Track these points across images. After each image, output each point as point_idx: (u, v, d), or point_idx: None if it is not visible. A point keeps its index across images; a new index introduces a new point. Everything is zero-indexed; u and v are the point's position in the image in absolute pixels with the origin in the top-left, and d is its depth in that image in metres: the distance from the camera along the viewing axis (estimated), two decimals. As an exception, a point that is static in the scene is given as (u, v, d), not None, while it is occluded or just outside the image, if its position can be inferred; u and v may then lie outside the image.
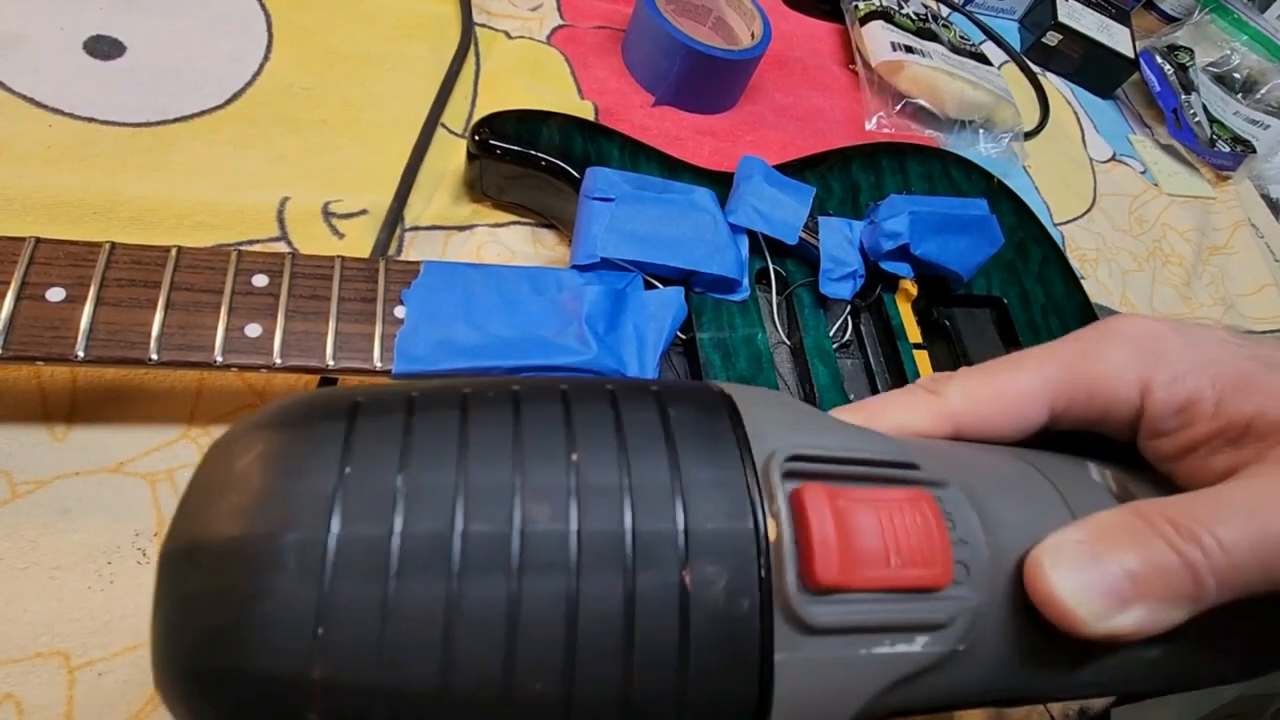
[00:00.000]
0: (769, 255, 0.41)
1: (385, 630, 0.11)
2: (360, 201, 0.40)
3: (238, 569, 0.12)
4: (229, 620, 0.11)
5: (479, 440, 0.13)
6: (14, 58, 0.38)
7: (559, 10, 0.55)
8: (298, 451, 0.12)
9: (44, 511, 0.29)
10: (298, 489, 0.12)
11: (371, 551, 0.11)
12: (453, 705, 0.11)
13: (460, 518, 0.12)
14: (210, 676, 0.12)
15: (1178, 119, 0.74)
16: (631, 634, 0.12)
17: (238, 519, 0.12)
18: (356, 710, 0.11)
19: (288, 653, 0.11)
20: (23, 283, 0.27)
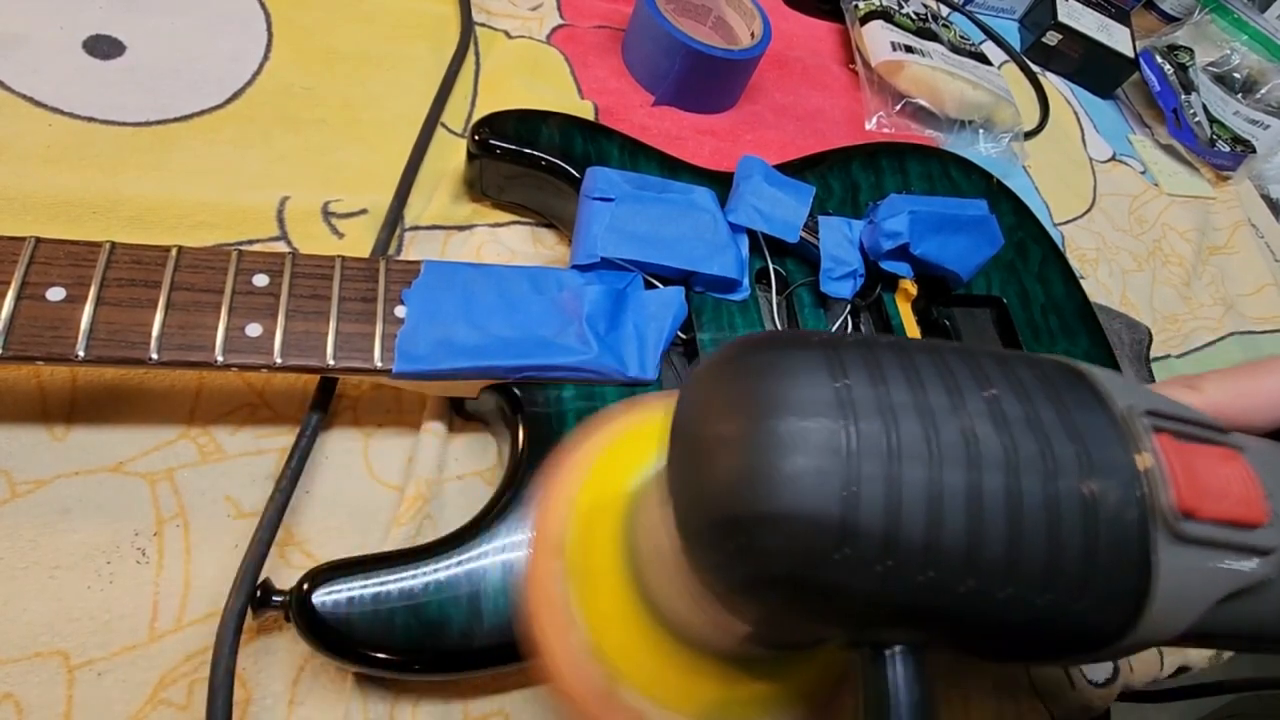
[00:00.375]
0: (769, 255, 0.41)
1: (890, 495, 0.15)
2: (360, 201, 0.40)
3: (790, 446, 0.16)
4: (790, 481, 0.15)
5: (924, 374, 0.17)
6: (14, 57, 0.38)
7: (559, 10, 0.55)
8: (811, 366, 0.17)
9: (44, 511, 0.29)
10: (816, 393, 0.16)
11: (876, 439, 0.16)
12: (931, 557, 0.15)
13: (929, 425, 0.16)
14: (768, 519, 0.15)
15: (1178, 119, 0.74)
16: (1055, 525, 0.16)
17: (783, 411, 0.16)
18: (866, 550, 0.15)
19: (829, 502, 0.15)
20: (23, 282, 0.27)
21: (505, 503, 0.30)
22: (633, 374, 0.34)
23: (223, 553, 0.30)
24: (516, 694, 0.31)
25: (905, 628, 0.17)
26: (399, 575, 0.27)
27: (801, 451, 0.15)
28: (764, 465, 0.15)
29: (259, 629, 0.29)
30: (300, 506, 0.32)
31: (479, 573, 0.28)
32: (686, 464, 0.18)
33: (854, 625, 0.17)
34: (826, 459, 0.15)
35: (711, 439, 0.17)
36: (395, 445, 0.34)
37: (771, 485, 0.15)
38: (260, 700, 0.28)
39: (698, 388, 0.18)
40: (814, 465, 0.15)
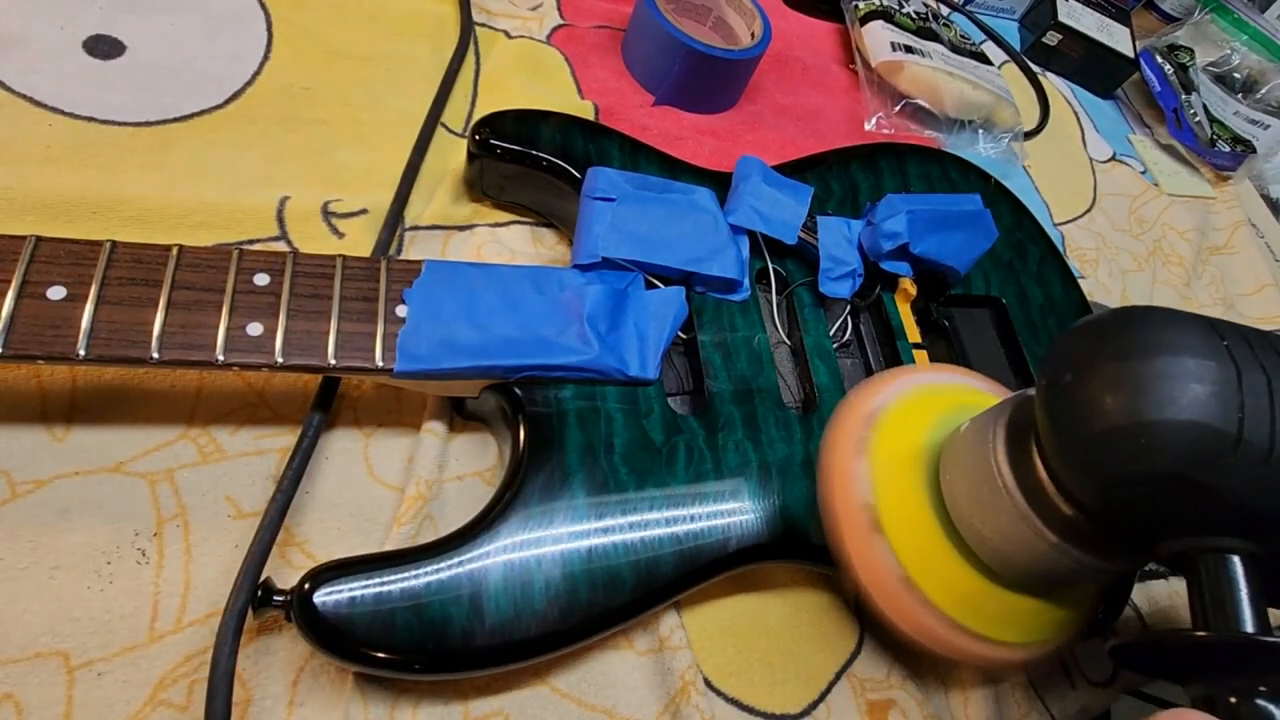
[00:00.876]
0: (769, 255, 0.41)
1: (1273, 421, 0.20)
2: (360, 201, 0.40)
3: (1198, 375, 0.21)
4: (1200, 397, 0.20)
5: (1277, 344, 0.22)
6: (14, 58, 0.38)
7: (559, 10, 0.55)
8: (1198, 325, 0.22)
9: (43, 511, 0.29)
10: (1209, 343, 0.21)
11: (1258, 381, 0.21)
12: None
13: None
14: (1178, 425, 0.20)
15: (1178, 119, 0.74)
16: None
17: (1190, 352, 0.21)
18: (1249, 459, 0.20)
19: (1228, 418, 0.20)
20: (24, 281, 0.27)
21: (506, 503, 0.30)
22: (633, 373, 0.34)
23: (223, 553, 0.30)
24: (516, 694, 0.31)
25: (1255, 534, 0.21)
26: (400, 575, 0.27)
27: (1204, 380, 0.20)
28: (1176, 386, 0.20)
29: (259, 629, 0.29)
30: (300, 506, 0.32)
31: (480, 572, 0.28)
32: (1091, 387, 0.22)
33: (1203, 529, 0.22)
34: (1223, 387, 0.20)
35: (1120, 369, 0.21)
36: (395, 445, 0.34)
37: (1185, 400, 0.20)
38: (260, 700, 0.28)
39: (1092, 336, 0.23)
40: (1214, 390, 0.20)
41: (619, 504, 0.31)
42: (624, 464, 0.32)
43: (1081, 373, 0.23)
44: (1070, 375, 0.23)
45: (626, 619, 0.30)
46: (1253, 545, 0.21)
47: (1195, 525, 0.22)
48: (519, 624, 0.28)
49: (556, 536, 0.30)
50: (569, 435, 0.32)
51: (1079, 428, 0.22)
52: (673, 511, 0.32)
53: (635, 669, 0.33)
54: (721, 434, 0.34)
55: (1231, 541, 0.22)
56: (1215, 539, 0.22)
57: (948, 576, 0.29)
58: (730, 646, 0.34)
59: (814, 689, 0.35)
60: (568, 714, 0.31)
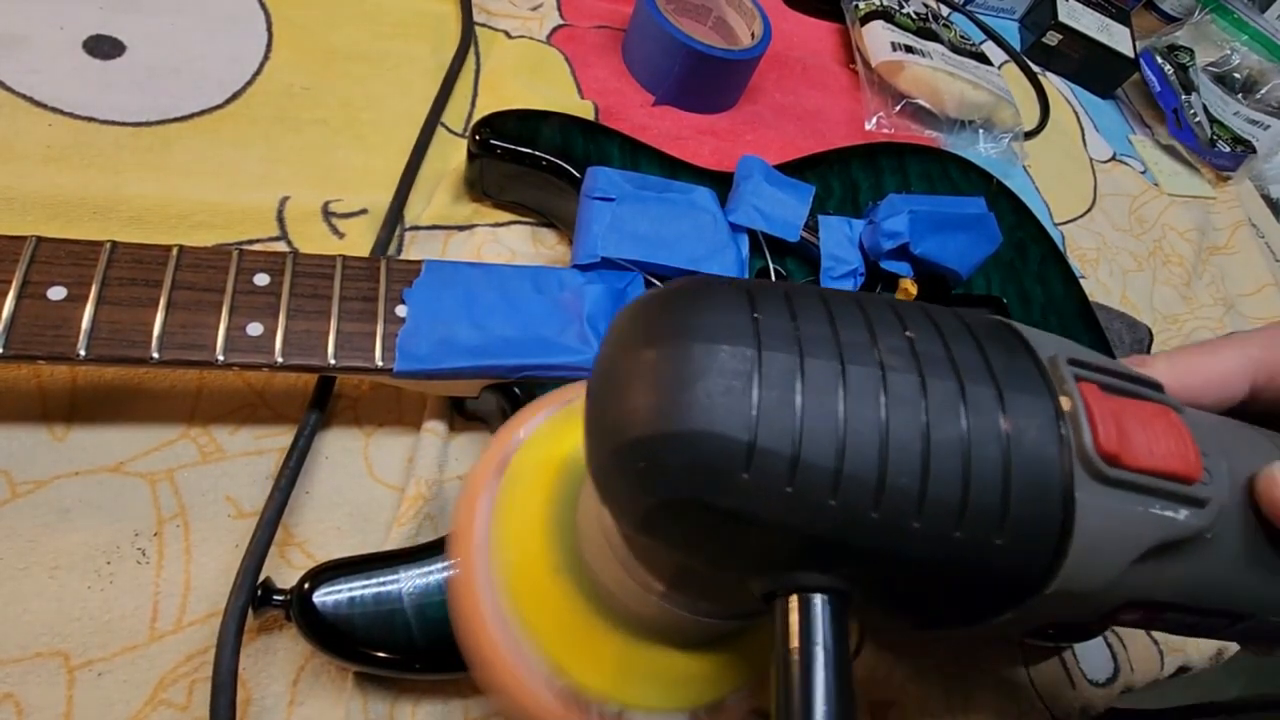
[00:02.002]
0: (769, 254, 0.41)
1: (799, 419, 0.15)
2: (360, 201, 0.40)
3: (700, 368, 0.16)
4: (698, 400, 0.15)
5: (840, 314, 0.17)
6: (14, 58, 0.38)
7: (559, 10, 0.55)
8: (725, 298, 0.17)
9: (43, 511, 0.29)
10: (728, 320, 0.16)
11: (786, 366, 0.16)
12: (838, 484, 0.15)
13: (840, 357, 0.16)
14: (675, 438, 0.15)
15: (1178, 119, 0.74)
16: (968, 458, 0.16)
17: (696, 336, 0.16)
18: (771, 472, 0.15)
19: (736, 422, 0.15)
20: (24, 281, 0.27)
21: (506, 502, 0.30)
22: (633, 373, 0.34)
23: (223, 553, 0.30)
24: (517, 694, 0.31)
25: (820, 567, 0.16)
26: (401, 574, 0.27)
27: (709, 373, 0.15)
28: (671, 386, 0.16)
29: (259, 629, 0.29)
30: (300, 506, 0.32)
31: (480, 572, 0.28)
32: (599, 394, 0.17)
33: (765, 563, 0.17)
34: (735, 381, 0.15)
35: (624, 366, 0.17)
36: (395, 445, 0.34)
37: (678, 405, 0.15)
38: (260, 700, 0.28)
39: (617, 323, 0.18)
40: (721, 386, 0.15)
41: (619, 504, 0.31)
42: (624, 464, 0.32)
43: (596, 373, 0.18)
44: (593, 379, 0.18)
45: (626, 619, 0.30)
46: (829, 580, 0.17)
47: (751, 561, 0.17)
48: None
49: (556, 536, 0.30)
50: (569, 435, 0.32)
51: (593, 448, 0.17)
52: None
53: (635, 669, 0.33)
54: (721, 434, 0.34)
55: (808, 577, 0.17)
56: (788, 575, 0.17)
57: (587, 646, 0.22)
58: (730, 646, 0.34)
59: (814, 689, 0.35)
60: (568, 714, 0.31)
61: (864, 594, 0.17)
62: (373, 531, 0.32)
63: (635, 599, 0.21)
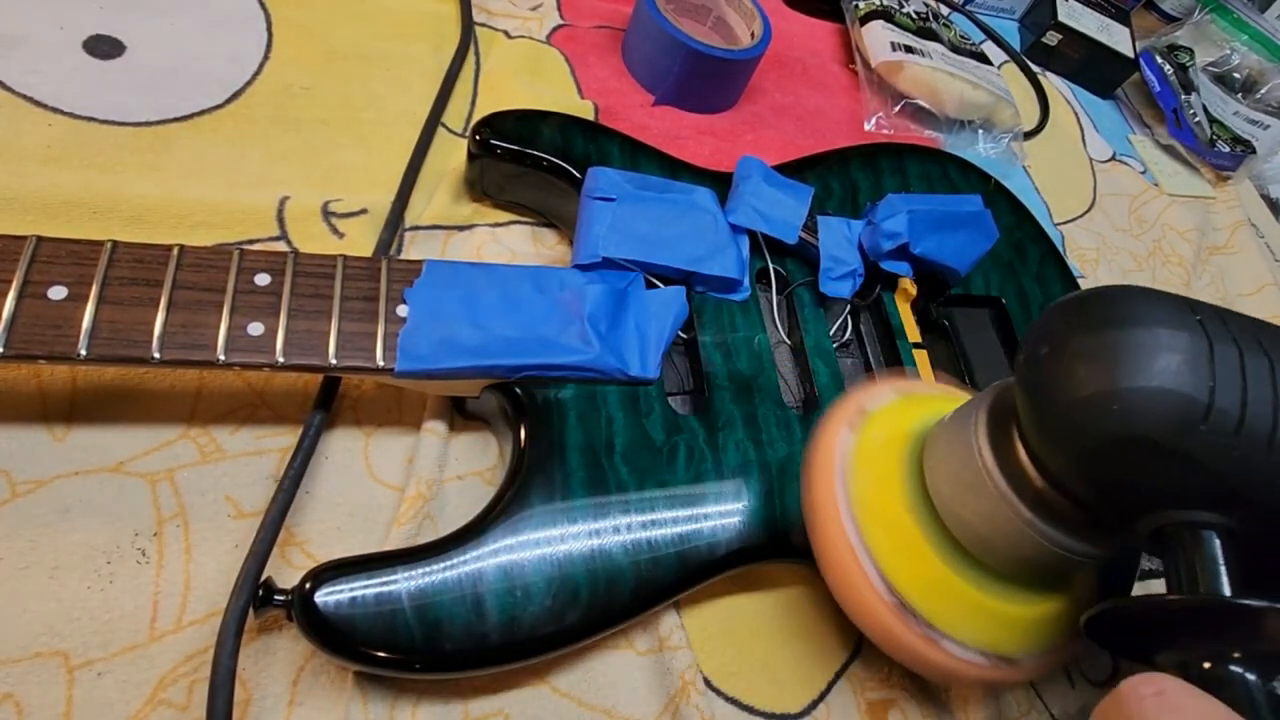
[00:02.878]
0: (769, 255, 0.41)
1: (1244, 393, 0.21)
2: (360, 201, 0.40)
3: (1170, 345, 0.21)
4: (1171, 366, 0.21)
5: (1257, 329, 0.22)
6: (14, 57, 0.38)
7: (559, 10, 0.55)
8: (1171, 301, 0.22)
9: (44, 511, 0.29)
10: (1182, 317, 0.22)
11: (1230, 355, 0.21)
12: (1273, 448, 0.20)
13: (1269, 358, 0.21)
14: (1154, 391, 0.21)
15: (1178, 119, 0.74)
16: None
17: (1161, 323, 0.22)
18: (1222, 429, 0.20)
19: (1201, 386, 0.20)
20: (25, 281, 0.27)
21: (506, 502, 0.30)
22: (634, 373, 0.34)
23: (223, 553, 0.30)
24: (516, 694, 0.31)
25: (1231, 507, 0.21)
26: (401, 574, 0.27)
27: (1177, 350, 0.21)
28: (1149, 355, 0.21)
29: (259, 629, 0.29)
30: (300, 506, 0.32)
31: (480, 572, 0.28)
32: (1066, 357, 0.22)
33: (1191, 497, 0.21)
34: (1195, 357, 0.21)
35: (1094, 339, 0.22)
36: (395, 445, 0.34)
37: (1156, 368, 0.21)
38: (260, 700, 0.28)
39: (1068, 312, 0.23)
40: (1187, 360, 0.21)
41: (619, 504, 0.31)
42: (624, 463, 0.32)
43: (1057, 345, 0.23)
44: (1046, 348, 0.23)
45: (627, 619, 0.30)
46: (1229, 520, 0.21)
47: (1170, 498, 0.22)
48: (519, 624, 0.28)
49: (557, 536, 0.30)
50: (569, 435, 0.32)
51: (1053, 399, 0.23)
52: (673, 511, 0.32)
53: (635, 669, 0.33)
54: (722, 434, 0.34)
55: (1207, 516, 0.21)
56: (1190, 513, 0.22)
57: (920, 570, 0.28)
58: (730, 646, 0.34)
59: (814, 689, 0.35)
60: (568, 714, 0.31)
61: (1252, 534, 0.21)
62: (373, 531, 0.32)
63: (996, 527, 0.26)
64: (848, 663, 0.36)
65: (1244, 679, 0.19)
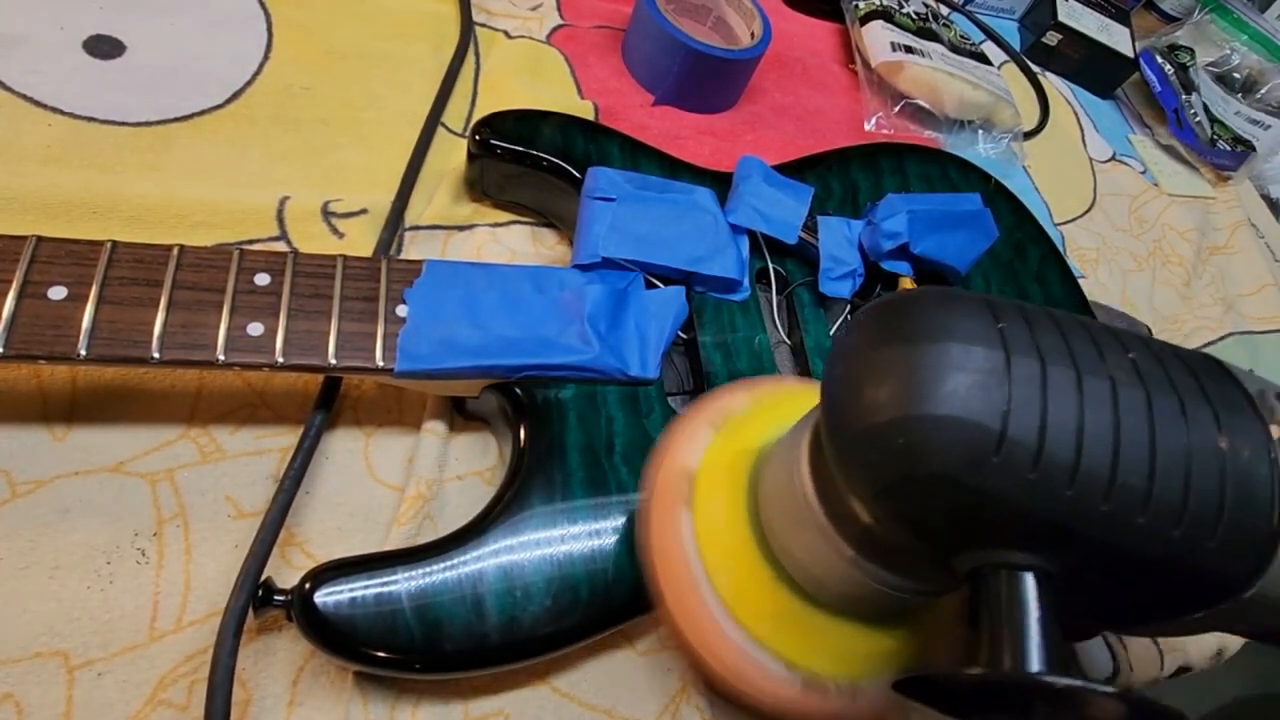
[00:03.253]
0: (769, 255, 0.41)
1: (1043, 416, 0.18)
2: (360, 201, 0.40)
3: (959, 363, 0.18)
4: (959, 390, 0.18)
5: (1070, 331, 0.19)
6: (14, 57, 0.38)
7: (559, 10, 0.55)
8: (973, 307, 0.20)
9: (43, 511, 0.29)
10: (980, 327, 0.19)
11: (1031, 371, 0.18)
12: (1075, 477, 0.18)
13: (1076, 369, 0.18)
14: (938, 420, 0.18)
15: (1179, 119, 0.74)
16: (1189, 467, 0.18)
17: (953, 337, 0.19)
18: (1018, 460, 0.18)
19: (991, 413, 0.18)
20: (25, 281, 0.27)
21: (506, 502, 0.30)
22: (634, 373, 0.34)
23: (223, 553, 0.30)
24: (516, 694, 0.31)
25: (1043, 548, 0.19)
26: (401, 574, 0.27)
27: (968, 369, 0.18)
28: (935, 377, 0.18)
29: (259, 629, 0.29)
30: (300, 506, 0.32)
31: (480, 572, 0.28)
32: (853, 378, 0.20)
33: (989, 539, 0.19)
34: (989, 378, 0.18)
35: (881, 357, 0.19)
36: (395, 445, 0.34)
37: (942, 393, 0.18)
38: (260, 700, 0.28)
39: (865, 322, 0.21)
40: (979, 381, 0.18)
41: (620, 504, 0.31)
42: (625, 464, 0.32)
43: (849, 362, 0.20)
44: (839, 365, 0.21)
45: (627, 619, 0.30)
46: (1044, 561, 0.19)
47: (976, 537, 0.19)
48: (519, 624, 0.28)
49: (557, 536, 0.30)
50: (569, 435, 0.32)
51: (844, 426, 0.20)
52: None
53: (635, 669, 0.33)
54: (722, 434, 0.34)
55: (1021, 557, 0.19)
56: (1003, 553, 0.19)
57: (761, 600, 0.26)
58: (730, 646, 0.34)
59: (814, 689, 0.35)
60: (568, 714, 0.31)
61: (1068, 579, 0.19)
62: (373, 531, 0.32)
63: (821, 563, 0.24)
64: (848, 663, 0.36)
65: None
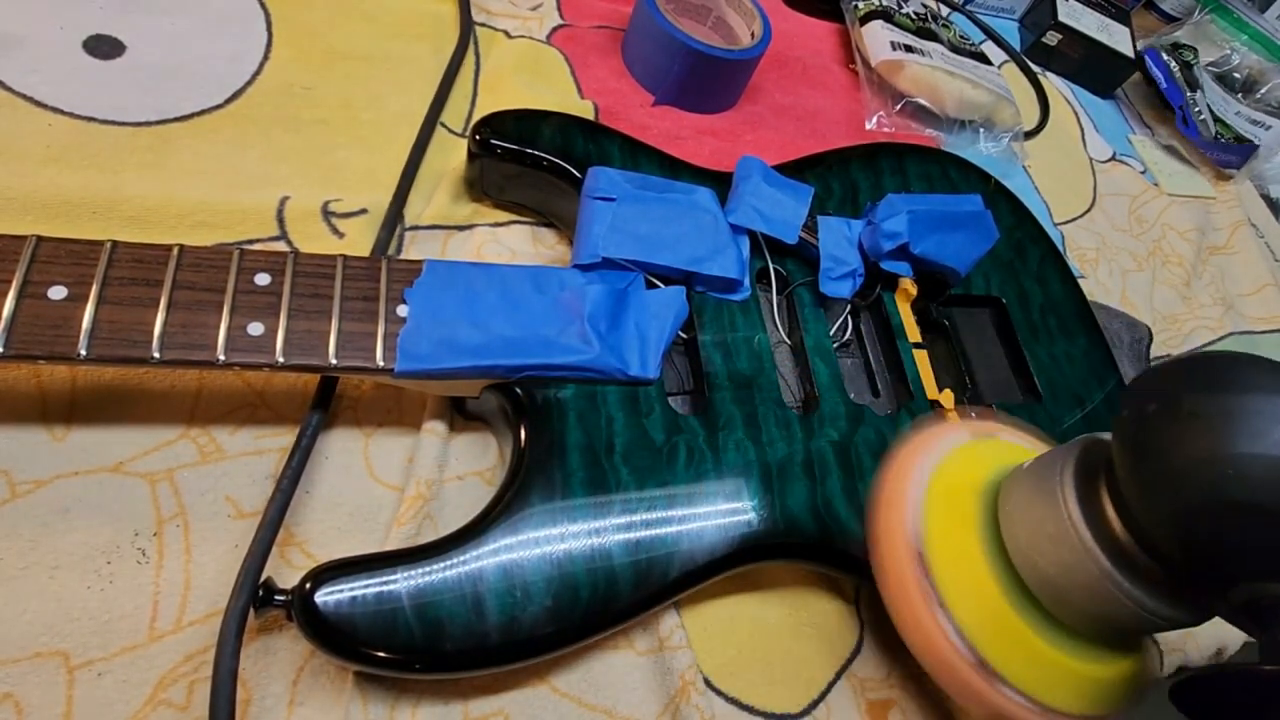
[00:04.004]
0: (769, 255, 0.41)
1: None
2: (360, 201, 0.40)
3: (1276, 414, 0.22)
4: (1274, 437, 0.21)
5: None
6: (14, 57, 0.38)
7: (559, 10, 0.55)
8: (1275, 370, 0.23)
9: (43, 511, 0.29)
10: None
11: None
12: None
13: None
14: (1257, 460, 0.21)
15: (1184, 116, 0.74)
16: None
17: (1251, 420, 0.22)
18: None
19: None
20: (24, 281, 0.27)
21: (506, 502, 0.30)
22: (634, 373, 0.34)
23: (223, 553, 0.30)
24: (516, 694, 0.31)
25: None
26: (402, 574, 0.27)
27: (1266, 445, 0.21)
28: (1261, 419, 0.21)
29: (259, 629, 0.29)
30: (300, 506, 0.32)
31: (480, 572, 0.28)
32: (1171, 418, 0.23)
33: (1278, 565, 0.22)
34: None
35: (1201, 402, 0.22)
36: (395, 445, 0.34)
37: (1271, 435, 0.21)
38: (260, 700, 0.28)
39: (1178, 372, 0.24)
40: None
41: (620, 503, 0.31)
42: (625, 463, 0.32)
43: (1168, 404, 0.23)
44: (1155, 405, 0.23)
45: (627, 618, 0.30)
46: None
47: (1260, 566, 0.22)
48: (519, 624, 0.28)
49: (557, 536, 0.30)
50: (569, 435, 0.32)
51: (1162, 457, 0.23)
52: (673, 511, 0.32)
53: (635, 669, 0.33)
54: (722, 433, 0.34)
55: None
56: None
57: (988, 614, 0.29)
58: (730, 646, 0.34)
59: (814, 689, 0.35)
60: (568, 714, 0.31)
61: None
62: (373, 531, 0.32)
63: (1074, 579, 0.27)
64: (848, 663, 0.36)
65: None
